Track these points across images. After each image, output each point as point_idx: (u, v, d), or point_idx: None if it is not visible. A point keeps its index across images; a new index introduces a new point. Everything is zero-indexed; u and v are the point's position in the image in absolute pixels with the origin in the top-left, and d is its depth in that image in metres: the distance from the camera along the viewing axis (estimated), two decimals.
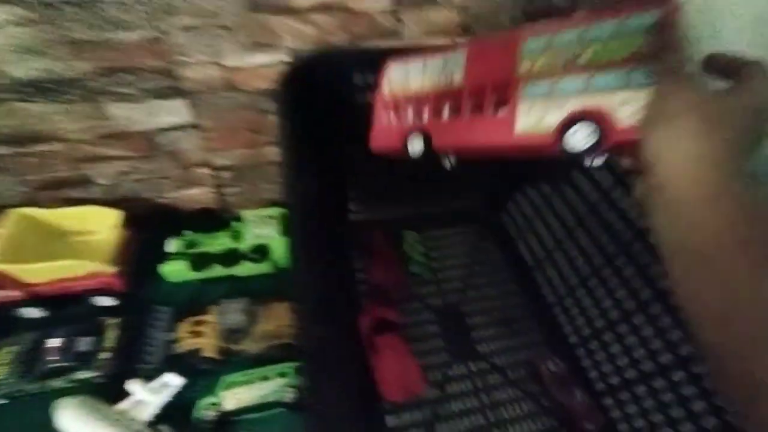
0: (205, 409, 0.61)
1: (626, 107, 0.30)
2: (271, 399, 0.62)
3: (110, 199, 0.76)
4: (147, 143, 0.69)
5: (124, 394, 0.62)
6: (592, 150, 0.32)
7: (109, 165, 0.71)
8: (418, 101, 0.46)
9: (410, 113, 0.46)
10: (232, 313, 0.68)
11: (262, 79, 0.65)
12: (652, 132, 0.27)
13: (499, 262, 0.88)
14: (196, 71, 0.61)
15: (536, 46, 0.36)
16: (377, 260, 0.80)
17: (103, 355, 0.64)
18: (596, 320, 0.69)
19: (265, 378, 0.64)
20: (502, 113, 0.38)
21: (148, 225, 0.81)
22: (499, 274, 0.86)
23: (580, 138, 0.32)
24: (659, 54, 0.29)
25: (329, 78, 0.61)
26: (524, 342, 0.76)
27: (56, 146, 0.66)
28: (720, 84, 0.28)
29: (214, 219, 0.88)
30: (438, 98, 0.44)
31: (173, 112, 0.65)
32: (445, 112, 0.43)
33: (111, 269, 0.69)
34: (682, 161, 0.26)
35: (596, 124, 0.31)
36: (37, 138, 0.64)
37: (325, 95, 0.61)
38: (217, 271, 0.76)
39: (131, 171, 0.74)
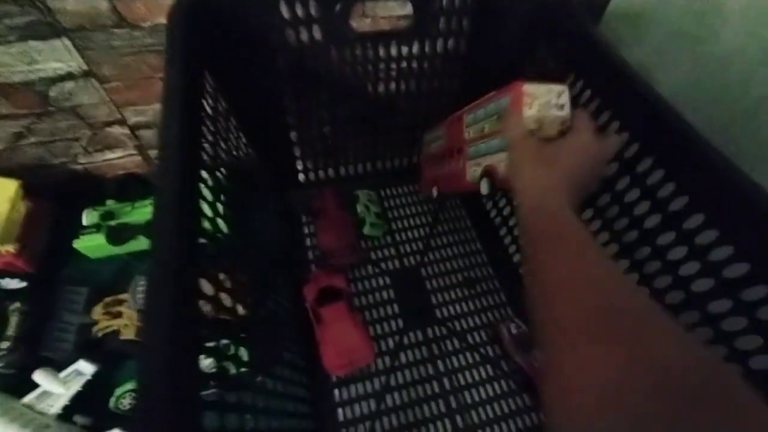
0: (122, 397, 0.54)
1: (503, 162, 0.45)
2: None
3: (9, 167, 0.65)
4: (37, 98, 0.59)
5: (35, 385, 0.55)
6: (493, 193, 0.49)
7: None
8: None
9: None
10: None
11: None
12: (514, 173, 0.40)
13: (462, 219, 0.81)
14: (76, 3, 0.50)
15: (471, 119, 0.53)
16: (327, 223, 0.72)
17: (4, 345, 0.56)
18: None
19: None
20: (460, 166, 0.56)
21: (63, 196, 0.72)
22: (462, 233, 0.79)
23: (485, 186, 0.49)
24: (508, 123, 0.43)
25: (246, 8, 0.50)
26: (486, 305, 0.71)
27: None
28: None
29: (144, 186, 0.79)
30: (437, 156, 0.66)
31: (57, 57, 0.54)
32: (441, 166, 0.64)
33: (10, 247, 0.60)
34: (529, 188, 0.37)
35: (491, 177, 0.47)
36: None
37: (245, 31, 0.51)
38: (141, 243, 0.67)
39: (27, 133, 0.63)
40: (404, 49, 0.61)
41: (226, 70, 0.50)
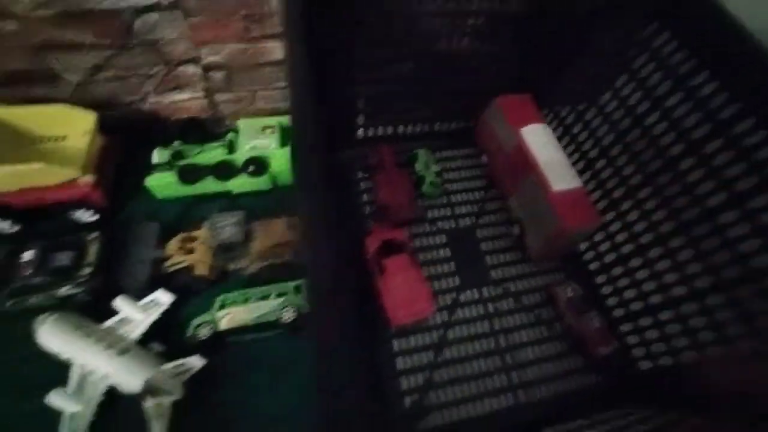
0: (199, 327, 0.56)
1: None
2: (268, 319, 0.57)
3: (81, 101, 0.65)
4: (121, 29, 0.59)
5: (111, 313, 0.57)
6: None
7: (77, 56, 0.61)
8: None
9: None
10: (226, 227, 0.61)
11: None
12: None
13: None
14: None
15: None
16: (385, 179, 0.73)
17: (85, 271, 0.58)
18: (623, 246, 0.64)
19: (263, 298, 0.59)
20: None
21: (129, 135, 0.72)
22: None
23: None
24: None
25: None
26: (540, 268, 0.72)
27: (10, 25, 0.55)
28: None
29: (203, 131, 0.79)
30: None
31: None
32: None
33: (87, 179, 0.61)
34: None
35: None
36: None
37: None
38: (209, 185, 0.68)
39: (106, 66, 0.63)
40: (484, 4, 0.61)
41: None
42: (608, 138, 0.65)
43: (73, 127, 0.64)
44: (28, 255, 0.57)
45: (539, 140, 0.66)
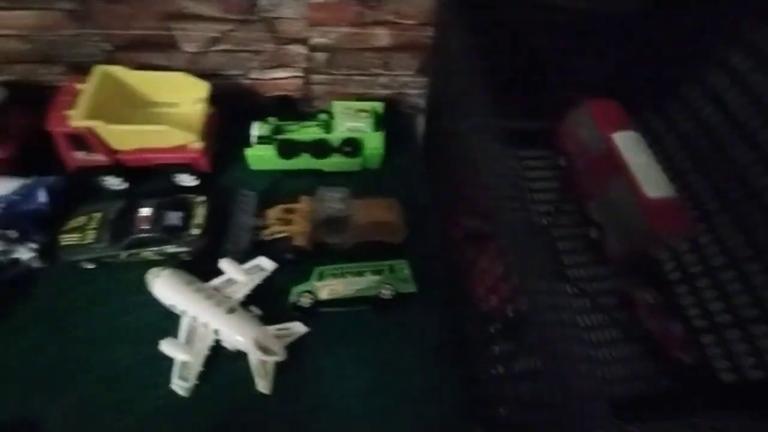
0: (300, 295, 0.59)
1: None
2: (366, 294, 0.60)
3: (191, 72, 0.68)
4: (248, 4, 0.61)
5: (207, 274, 0.60)
6: None
7: (199, 27, 0.64)
8: None
9: None
10: (332, 202, 0.63)
11: None
12: None
13: None
14: None
15: None
16: None
17: (193, 232, 0.61)
18: (713, 258, 0.65)
19: (359, 273, 0.61)
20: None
21: (225, 107, 0.75)
22: None
23: None
24: None
25: None
26: (617, 271, 0.73)
27: None
28: None
29: (294, 110, 0.82)
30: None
31: None
32: None
33: (197, 145, 0.65)
34: None
35: None
36: None
37: None
38: (304, 161, 0.71)
39: (222, 38, 0.66)
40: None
41: None
42: (704, 149, 0.66)
43: (186, 95, 0.67)
44: (144, 211, 0.60)
45: (631, 147, 0.67)
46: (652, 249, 0.68)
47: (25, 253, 0.58)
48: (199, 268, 0.60)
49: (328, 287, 0.59)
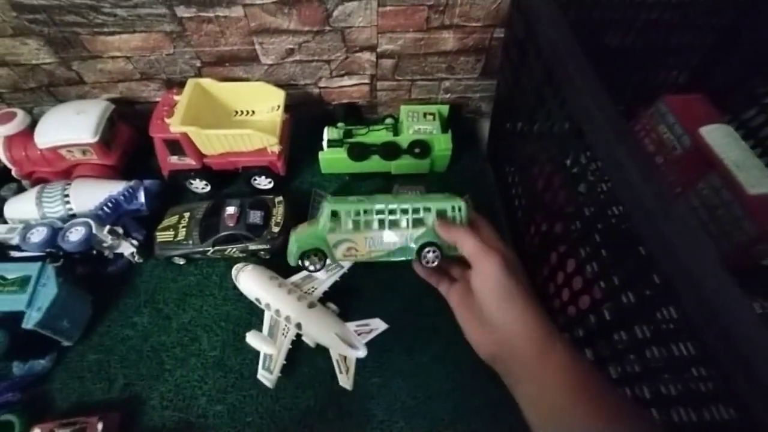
0: (305, 256, 0.58)
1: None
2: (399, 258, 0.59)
3: (268, 82, 0.73)
4: (322, 16, 0.65)
5: (282, 271, 0.62)
6: None
7: (278, 40, 0.68)
8: None
9: None
10: None
11: None
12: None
13: None
14: None
15: None
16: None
17: (273, 230, 0.64)
18: None
19: (395, 224, 0.61)
20: None
21: (297, 115, 0.79)
22: None
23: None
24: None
25: None
26: None
27: (235, 12, 0.63)
28: None
29: (360, 116, 0.85)
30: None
31: None
32: None
33: (276, 149, 0.68)
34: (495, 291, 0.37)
35: None
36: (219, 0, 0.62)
37: None
38: (373, 164, 0.73)
39: (297, 50, 0.70)
40: None
41: None
42: None
43: (263, 103, 0.72)
44: (230, 209, 0.64)
45: (723, 140, 0.63)
46: (759, 253, 0.62)
47: (127, 249, 0.63)
48: (277, 266, 0.63)
49: (346, 244, 0.43)
